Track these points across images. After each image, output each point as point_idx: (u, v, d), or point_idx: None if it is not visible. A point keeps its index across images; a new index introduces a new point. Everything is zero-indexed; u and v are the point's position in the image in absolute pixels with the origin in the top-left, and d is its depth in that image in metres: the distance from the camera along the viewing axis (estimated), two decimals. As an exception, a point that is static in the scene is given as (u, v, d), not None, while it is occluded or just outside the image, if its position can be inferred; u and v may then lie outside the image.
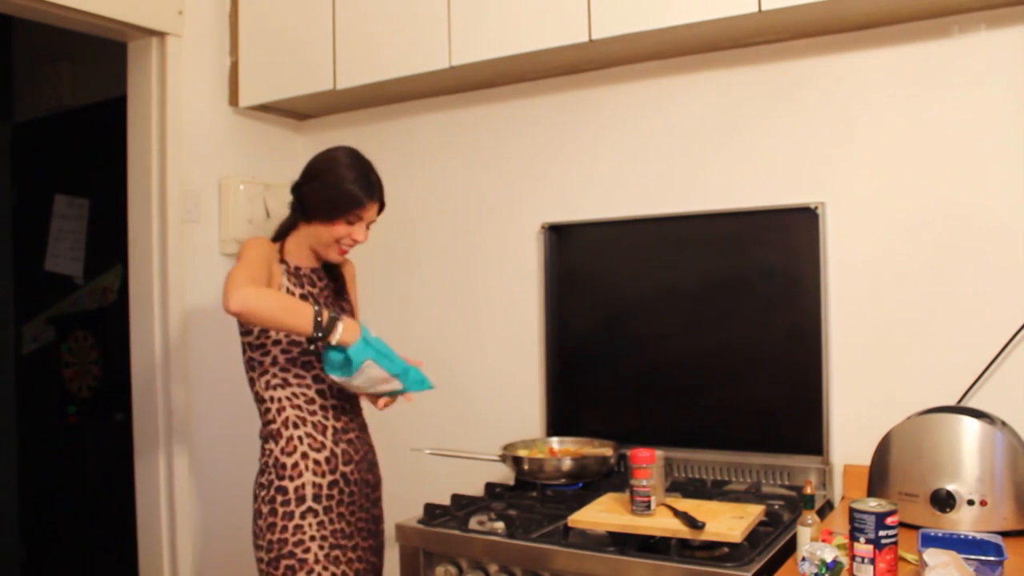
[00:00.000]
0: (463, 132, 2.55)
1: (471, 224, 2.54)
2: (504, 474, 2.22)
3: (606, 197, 2.30)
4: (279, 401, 1.83)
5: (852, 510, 1.33)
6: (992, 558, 1.36)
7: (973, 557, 1.35)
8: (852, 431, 1.95)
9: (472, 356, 2.53)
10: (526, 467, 2.02)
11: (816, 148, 2.01)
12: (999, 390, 1.80)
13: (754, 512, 1.61)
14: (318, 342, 1.67)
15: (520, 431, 2.38)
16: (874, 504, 1.32)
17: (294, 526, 1.77)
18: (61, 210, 3.29)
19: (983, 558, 1.36)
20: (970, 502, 1.57)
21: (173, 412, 2.42)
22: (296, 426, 1.82)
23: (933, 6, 1.81)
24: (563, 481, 2.00)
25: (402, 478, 2.43)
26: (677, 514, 1.57)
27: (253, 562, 1.84)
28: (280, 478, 1.79)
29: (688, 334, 2.14)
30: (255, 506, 1.83)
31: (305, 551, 1.77)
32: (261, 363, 1.83)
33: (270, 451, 1.82)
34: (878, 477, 1.70)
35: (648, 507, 1.61)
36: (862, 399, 1.95)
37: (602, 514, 1.65)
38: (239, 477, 2.42)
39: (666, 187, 2.21)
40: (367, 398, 1.82)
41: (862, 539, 1.31)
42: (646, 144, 2.24)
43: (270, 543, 1.78)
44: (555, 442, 2.20)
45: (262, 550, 1.80)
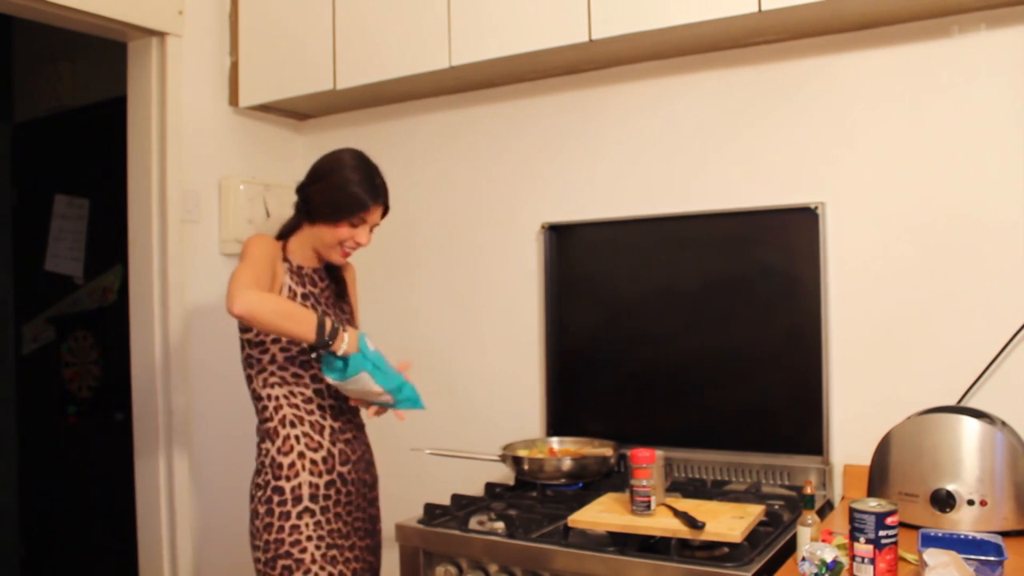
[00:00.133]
0: (463, 132, 2.55)
1: (471, 224, 2.54)
2: (504, 474, 2.22)
3: (606, 197, 2.30)
4: (276, 399, 1.83)
5: (852, 510, 1.33)
6: (992, 558, 1.36)
7: (973, 557, 1.35)
8: (852, 431, 1.95)
9: (472, 356, 2.53)
10: (526, 467, 2.02)
11: (816, 148, 2.01)
12: (999, 390, 1.80)
13: (754, 512, 1.61)
14: (319, 350, 1.68)
15: (520, 431, 2.38)
16: (874, 504, 1.32)
17: (291, 526, 1.77)
18: (61, 210, 3.29)
19: (983, 558, 1.36)
20: (970, 502, 1.57)
21: (173, 412, 2.42)
22: (293, 425, 1.82)
23: (933, 6, 1.81)
24: (563, 481, 2.00)
25: (402, 478, 2.42)
26: (677, 514, 1.57)
27: (251, 562, 1.84)
28: (277, 478, 1.79)
29: (688, 334, 2.14)
30: (252, 506, 1.83)
31: (302, 551, 1.77)
32: (259, 361, 1.83)
33: (266, 451, 1.82)
34: (878, 477, 1.70)
35: (648, 507, 1.61)
36: (862, 399, 1.95)
37: (602, 514, 1.65)
38: (239, 477, 2.40)
39: (666, 187, 2.21)
40: (358, 402, 1.82)
41: (862, 539, 1.31)
42: (646, 144, 2.24)
43: (267, 543, 1.78)
44: (555, 442, 2.20)
45: (259, 550, 1.79)
